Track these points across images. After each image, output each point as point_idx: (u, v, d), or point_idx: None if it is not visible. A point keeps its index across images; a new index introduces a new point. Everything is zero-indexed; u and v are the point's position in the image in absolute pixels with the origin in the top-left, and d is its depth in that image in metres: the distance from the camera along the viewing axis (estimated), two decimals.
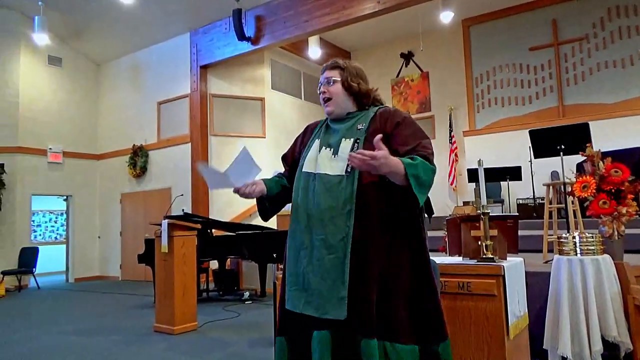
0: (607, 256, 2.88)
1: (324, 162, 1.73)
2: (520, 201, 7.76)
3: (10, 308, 6.83)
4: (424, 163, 1.57)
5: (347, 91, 1.80)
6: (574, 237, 2.88)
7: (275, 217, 7.78)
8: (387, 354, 1.58)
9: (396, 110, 1.78)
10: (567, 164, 4.12)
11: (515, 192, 7.95)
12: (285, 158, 2.00)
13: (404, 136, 1.67)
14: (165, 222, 4.85)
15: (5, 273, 8.61)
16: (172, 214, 7.32)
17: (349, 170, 1.66)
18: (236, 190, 1.78)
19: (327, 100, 1.81)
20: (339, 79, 1.81)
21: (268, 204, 1.92)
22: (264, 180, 1.89)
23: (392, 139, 1.68)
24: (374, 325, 1.57)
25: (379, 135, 1.50)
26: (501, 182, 7.99)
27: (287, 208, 1.90)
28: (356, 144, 1.69)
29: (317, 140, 1.83)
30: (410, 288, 1.64)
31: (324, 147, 1.78)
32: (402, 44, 10.60)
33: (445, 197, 9.55)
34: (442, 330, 1.65)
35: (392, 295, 1.62)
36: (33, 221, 10.70)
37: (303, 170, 1.79)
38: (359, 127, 1.74)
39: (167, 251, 4.79)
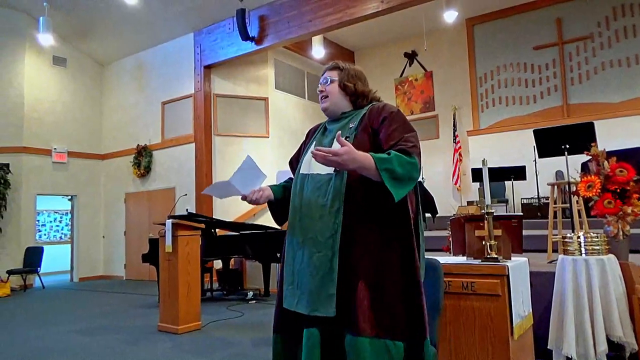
0: (612, 256, 2.86)
1: (316, 162, 1.75)
2: (525, 201, 7.73)
3: (16, 307, 6.87)
4: (399, 157, 1.57)
5: (343, 91, 1.85)
6: (578, 237, 2.87)
7: None
8: (389, 351, 1.58)
9: (385, 106, 1.79)
10: (571, 164, 4.10)
11: (519, 192, 7.93)
12: (291, 163, 2.05)
13: (389, 131, 1.69)
14: (169, 222, 4.86)
15: (10, 272, 8.65)
16: (176, 214, 7.35)
17: (337, 168, 1.67)
18: (244, 198, 1.83)
19: (324, 98, 1.87)
20: (336, 79, 1.86)
21: (278, 209, 1.96)
22: (271, 187, 1.94)
23: (378, 134, 1.71)
24: (364, 323, 1.58)
25: (339, 132, 1.57)
26: (505, 182, 7.98)
27: None
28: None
29: (314, 142, 1.88)
30: (402, 285, 1.65)
31: None
32: (405, 43, 10.58)
33: (449, 197, 9.53)
34: (424, 328, 1.66)
35: (387, 293, 1.62)
36: (38, 221, 10.76)
37: (300, 172, 1.84)
38: (351, 125, 1.78)
39: (171, 251, 4.81)
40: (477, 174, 6.20)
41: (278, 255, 6.38)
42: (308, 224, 1.71)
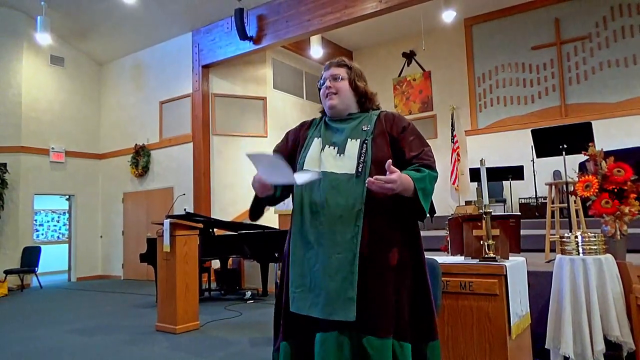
0: (609, 256, 2.87)
1: (328, 160, 1.72)
2: (523, 201, 7.74)
3: (13, 307, 6.85)
4: (430, 174, 1.65)
5: (354, 90, 1.81)
6: (576, 237, 2.87)
7: (276, 216, 7.80)
8: (395, 352, 1.57)
9: (400, 115, 1.83)
10: (569, 164, 4.11)
11: (517, 192, 7.94)
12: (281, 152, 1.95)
13: (409, 141, 1.72)
14: (167, 222, 4.86)
15: (8, 272, 8.63)
16: (174, 214, 7.34)
17: (359, 170, 1.65)
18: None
19: (332, 94, 1.80)
20: (347, 77, 1.81)
21: (264, 203, 1.87)
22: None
23: (398, 142, 1.72)
24: (390, 326, 1.57)
25: (389, 161, 1.53)
26: (503, 182, 7.99)
27: (285, 208, 1.86)
28: (364, 145, 1.69)
29: (316, 138, 1.80)
30: (412, 287, 1.66)
31: (327, 146, 1.76)
32: (404, 43, 10.58)
33: (447, 197, 9.54)
34: (433, 329, 1.67)
35: (401, 295, 1.62)
36: (35, 220, 10.73)
37: (304, 169, 1.76)
38: (364, 128, 1.74)
39: (169, 250, 4.80)
40: (475, 174, 6.22)
41: (276, 255, 6.38)
42: (324, 224, 1.65)
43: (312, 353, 1.62)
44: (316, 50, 9.67)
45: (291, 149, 1.89)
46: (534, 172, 7.40)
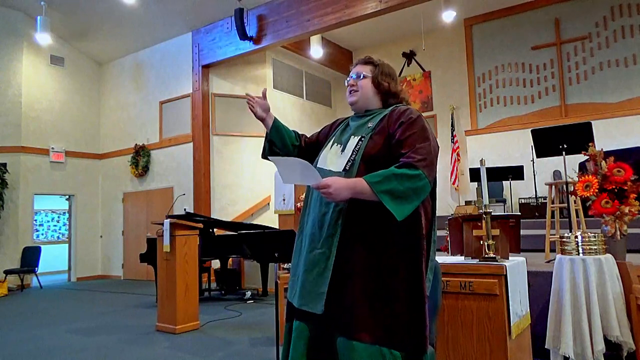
0: (609, 256, 2.87)
1: (331, 158, 1.75)
2: (523, 201, 7.74)
3: (13, 307, 6.85)
4: (399, 174, 1.52)
5: (377, 88, 1.82)
6: (576, 237, 2.88)
7: (277, 217, 7.80)
8: (385, 359, 1.53)
9: (406, 110, 1.73)
10: (569, 164, 4.11)
11: (517, 192, 7.94)
12: (311, 136, 2.07)
13: (402, 137, 1.64)
14: (167, 222, 4.86)
15: (7, 272, 8.63)
16: (174, 214, 7.34)
17: (347, 167, 1.65)
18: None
19: (354, 92, 1.83)
20: (370, 75, 1.83)
21: (269, 142, 2.04)
22: (279, 124, 2.07)
23: (394, 138, 1.65)
24: (361, 328, 1.53)
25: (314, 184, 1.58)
26: (503, 182, 7.99)
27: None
28: (360, 142, 1.69)
29: (333, 138, 1.86)
30: (406, 295, 1.58)
31: (335, 144, 1.80)
32: (404, 43, 10.58)
33: (447, 197, 9.54)
34: (425, 342, 1.57)
35: (389, 301, 1.56)
36: (35, 220, 10.73)
37: (317, 166, 1.79)
38: (369, 125, 1.74)
39: (169, 250, 4.80)
40: (475, 174, 6.22)
41: (276, 255, 6.38)
42: (314, 221, 1.70)
43: None
44: (316, 50, 9.67)
45: (315, 141, 1.99)
46: (534, 172, 7.40)
